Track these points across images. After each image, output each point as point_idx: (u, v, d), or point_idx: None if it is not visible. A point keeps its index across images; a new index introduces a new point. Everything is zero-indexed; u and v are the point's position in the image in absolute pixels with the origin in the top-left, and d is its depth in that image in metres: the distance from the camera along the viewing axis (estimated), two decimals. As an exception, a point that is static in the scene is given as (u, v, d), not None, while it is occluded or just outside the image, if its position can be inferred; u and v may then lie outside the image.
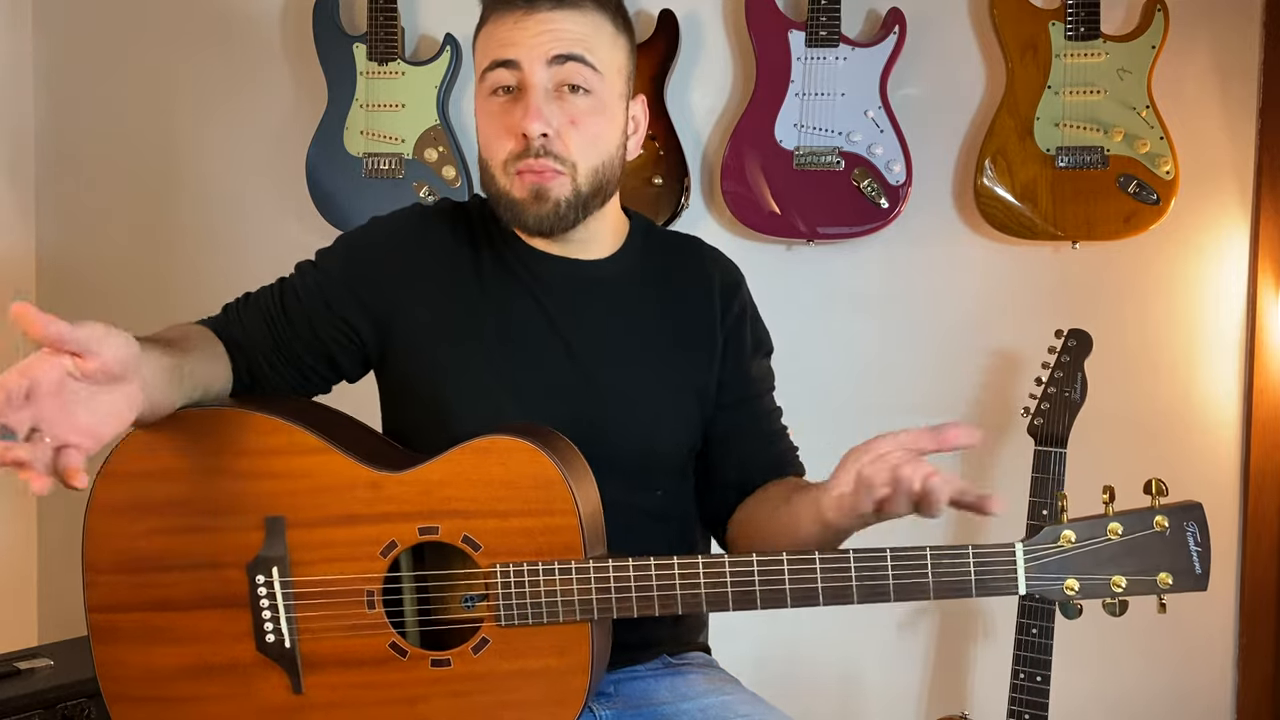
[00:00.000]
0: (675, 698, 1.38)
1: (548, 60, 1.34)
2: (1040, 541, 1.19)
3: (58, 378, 1.03)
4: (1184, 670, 2.30)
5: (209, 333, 1.39)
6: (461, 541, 1.24)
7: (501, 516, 1.24)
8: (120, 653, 1.29)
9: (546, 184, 1.35)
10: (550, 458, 1.23)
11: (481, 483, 1.24)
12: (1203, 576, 1.18)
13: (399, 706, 1.25)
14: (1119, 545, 1.18)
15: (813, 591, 1.19)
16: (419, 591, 1.31)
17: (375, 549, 1.25)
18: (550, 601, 1.22)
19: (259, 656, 1.27)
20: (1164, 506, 1.19)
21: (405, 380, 1.43)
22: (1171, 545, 1.18)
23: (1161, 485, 1.19)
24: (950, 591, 1.19)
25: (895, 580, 1.18)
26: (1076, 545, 1.19)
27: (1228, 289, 2.27)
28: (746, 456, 1.47)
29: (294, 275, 1.46)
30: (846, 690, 2.40)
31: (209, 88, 2.55)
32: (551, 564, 1.22)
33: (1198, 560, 1.18)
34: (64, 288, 2.63)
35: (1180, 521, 1.18)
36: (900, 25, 2.25)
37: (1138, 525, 1.18)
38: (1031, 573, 1.18)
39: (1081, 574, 1.18)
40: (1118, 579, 1.18)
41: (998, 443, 2.31)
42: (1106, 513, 1.19)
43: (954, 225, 2.34)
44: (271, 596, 1.26)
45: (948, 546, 1.18)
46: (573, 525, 1.23)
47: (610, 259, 1.47)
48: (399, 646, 1.26)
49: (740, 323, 1.49)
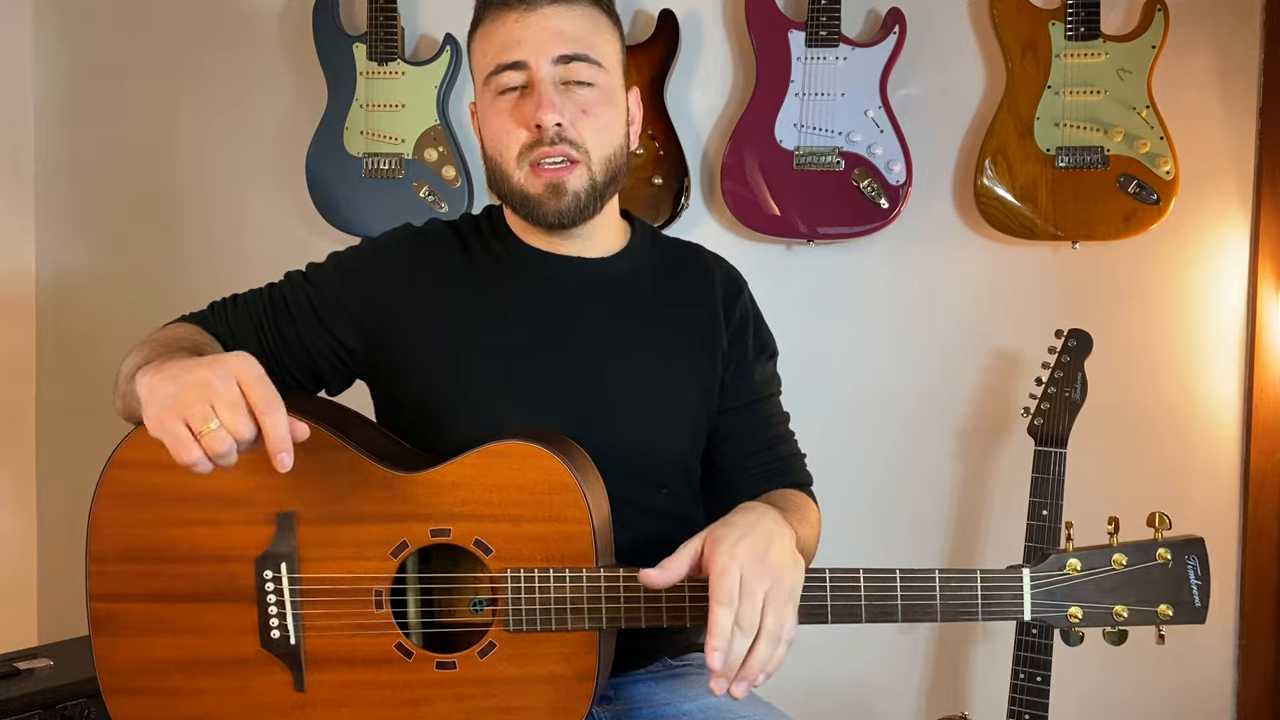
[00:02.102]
0: (676, 699, 1.38)
1: (553, 60, 1.35)
2: (1047, 569, 1.21)
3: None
4: (1184, 670, 2.30)
5: (207, 335, 1.40)
6: (473, 545, 1.24)
7: (514, 521, 1.24)
8: (119, 643, 1.29)
9: (563, 178, 1.35)
10: (566, 464, 1.23)
11: (496, 487, 1.24)
12: (1201, 610, 1.22)
13: (401, 708, 1.25)
14: (1122, 576, 1.21)
15: (821, 609, 1.20)
16: (425, 593, 1.30)
17: (386, 549, 1.25)
18: (560, 609, 1.22)
19: (261, 653, 1.27)
20: (1167, 540, 1.21)
21: (401, 389, 1.43)
22: (1173, 578, 1.21)
23: (1165, 519, 1.21)
24: (957, 615, 1.20)
25: (904, 602, 1.20)
26: (1082, 574, 1.21)
27: (1228, 289, 2.27)
28: (748, 461, 1.47)
29: (284, 285, 1.46)
30: (846, 690, 2.40)
31: (209, 88, 2.55)
32: (563, 571, 1.22)
33: (1198, 594, 1.22)
34: (64, 288, 2.63)
35: (1182, 555, 1.21)
36: (900, 25, 2.25)
37: (1141, 557, 1.21)
38: (1037, 599, 1.21)
39: (1085, 602, 1.21)
40: (1119, 609, 1.21)
41: (998, 443, 2.31)
42: (1111, 543, 1.22)
43: (954, 225, 2.34)
44: (279, 592, 1.26)
45: (956, 570, 1.20)
46: (585, 533, 1.23)
47: (616, 256, 1.47)
48: (404, 647, 1.26)
49: (743, 326, 1.49)
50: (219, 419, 1.10)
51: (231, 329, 1.42)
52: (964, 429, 2.34)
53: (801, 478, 1.50)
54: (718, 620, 1.09)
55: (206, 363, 1.13)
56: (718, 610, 1.09)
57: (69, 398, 2.62)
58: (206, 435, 1.10)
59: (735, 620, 1.10)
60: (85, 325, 2.62)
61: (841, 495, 2.07)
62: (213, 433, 1.10)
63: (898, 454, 2.36)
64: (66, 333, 2.64)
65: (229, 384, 1.11)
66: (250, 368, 1.12)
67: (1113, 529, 1.22)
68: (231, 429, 1.10)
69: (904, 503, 2.36)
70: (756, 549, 1.13)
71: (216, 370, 1.11)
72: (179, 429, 1.11)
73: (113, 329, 2.57)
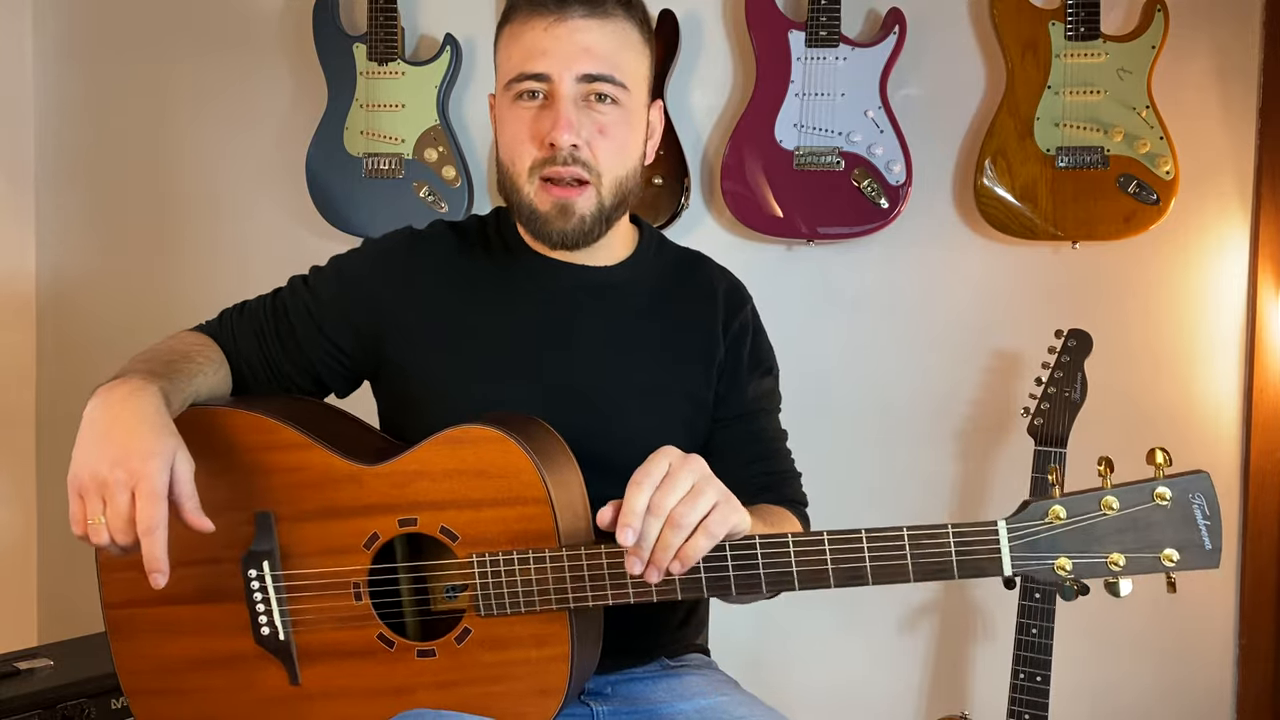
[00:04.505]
0: (672, 698, 1.38)
1: (577, 78, 1.33)
2: (1027, 519, 1.12)
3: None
4: (1184, 670, 2.30)
5: (215, 347, 1.42)
6: (439, 532, 1.25)
7: (475, 506, 1.24)
8: (138, 646, 1.33)
9: (571, 199, 1.35)
10: (520, 445, 1.23)
11: (455, 473, 1.25)
12: (1213, 552, 1.09)
13: (390, 697, 1.27)
14: (1115, 520, 1.10)
15: (787, 575, 1.17)
16: (401, 583, 1.31)
17: (358, 541, 1.27)
18: (527, 590, 1.22)
19: (257, 649, 1.30)
20: (1167, 478, 1.10)
21: (400, 390, 1.43)
22: (1175, 519, 1.09)
23: (1166, 455, 1.10)
24: (931, 573, 1.14)
25: (872, 563, 1.15)
26: (1068, 521, 1.11)
27: (1228, 289, 2.27)
28: (737, 474, 1.45)
29: (286, 292, 1.47)
30: (847, 690, 2.40)
31: (208, 88, 2.55)
32: (526, 553, 1.22)
33: (1207, 535, 1.09)
34: (65, 289, 2.63)
35: (1185, 494, 1.09)
36: (900, 25, 2.25)
37: (1136, 499, 1.10)
38: (1017, 552, 1.11)
39: (1074, 553, 1.10)
40: (1116, 557, 1.10)
41: (998, 443, 2.31)
42: (1103, 485, 1.11)
43: (954, 225, 2.34)
44: (264, 590, 1.29)
45: (926, 526, 1.14)
46: (545, 513, 1.23)
47: (621, 265, 1.46)
48: (385, 638, 1.27)
49: (741, 339, 1.48)
50: (104, 519, 1.17)
51: (236, 340, 1.44)
52: (964, 429, 2.34)
53: (791, 494, 1.48)
54: (631, 499, 1.10)
55: (124, 446, 1.18)
56: (632, 490, 1.10)
57: (69, 398, 2.62)
58: (92, 526, 1.18)
59: (650, 504, 1.10)
60: (86, 326, 2.62)
61: (841, 495, 2.07)
62: (97, 526, 1.17)
63: (898, 454, 2.36)
64: (67, 333, 2.64)
65: (123, 493, 1.16)
66: (151, 478, 1.16)
67: (1104, 469, 1.12)
68: (112, 534, 1.17)
69: (904, 503, 2.36)
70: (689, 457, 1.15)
71: (119, 472, 1.17)
72: (75, 505, 1.19)
73: (113, 330, 2.57)
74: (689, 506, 1.11)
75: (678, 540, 1.11)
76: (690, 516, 1.10)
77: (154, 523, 1.16)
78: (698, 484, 1.12)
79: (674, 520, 1.10)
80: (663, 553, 1.11)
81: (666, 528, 1.10)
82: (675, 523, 1.10)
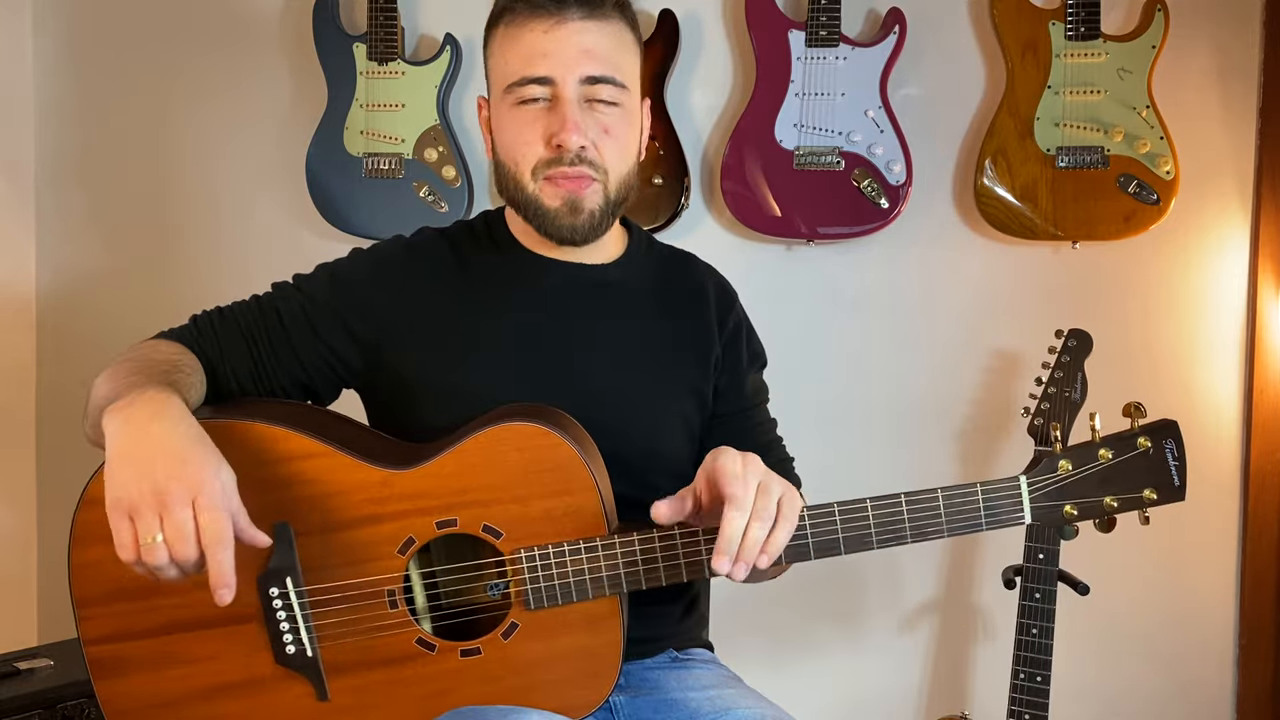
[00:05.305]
0: (683, 687, 1.39)
1: (581, 80, 1.34)
2: (1042, 472, 1.28)
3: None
4: (1184, 670, 2.30)
5: (190, 354, 1.37)
6: (482, 530, 1.25)
7: (522, 502, 1.25)
8: (128, 685, 1.26)
9: (580, 194, 1.36)
10: (565, 438, 1.24)
11: (499, 470, 1.25)
12: (1180, 488, 1.28)
13: (430, 700, 1.25)
14: (1109, 469, 1.27)
15: (834, 542, 1.24)
16: (438, 585, 1.31)
17: (392, 547, 1.25)
18: (579, 580, 1.24)
19: (278, 669, 1.26)
20: (1144, 427, 1.28)
21: (398, 397, 1.42)
22: (1154, 463, 1.28)
23: (1140, 408, 1.28)
24: (962, 527, 1.26)
25: (911, 522, 1.24)
26: (1074, 473, 1.27)
27: (1228, 289, 2.27)
28: None
29: (275, 297, 1.44)
30: (847, 690, 2.40)
31: (208, 88, 2.55)
32: (577, 543, 1.24)
33: (1176, 474, 1.28)
34: (65, 290, 2.63)
35: (1160, 440, 1.28)
36: (900, 25, 2.25)
37: (1124, 448, 1.28)
38: (1036, 502, 1.27)
39: (1078, 499, 1.28)
40: (1109, 499, 1.27)
41: (998, 443, 2.31)
42: (1094, 439, 1.28)
43: (954, 225, 2.34)
44: (288, 607, 1.24)
45: (956, 486, 1.26)
46: (594, 502, 1.25)
47: (615, 263, 1.48)
48: (426, 641, 1.26)
49: (736, 335, 1.51)
50: (163, 535, 1.09)
51: (221, 346, 1.39)
52: (964, 429, 2.34)
53: (791, 479, 1.50)
54: (730, 523, 1.13)
55: (173, 458, 1.10)
56: (732, 515, 1.13)
57: (69, 399, 2.62)
58: (147, 547, 1.09)
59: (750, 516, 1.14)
60: (86, 326, 2.62)
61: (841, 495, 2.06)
62: (154, 546, 1.09)
63: (898, 454, 2.36)
64: (67, 333, 2.64)
65: (183, 506, 1.09)
66: (211, 488, 1.10)
67: (1094, 423, 1.29)
68: (173, 554, 1.09)
69: (904, 503, 2.36)
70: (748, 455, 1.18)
71: (174, 485, 1.09)
72: (123, 528, 1.10)
73: (113, 330, 2.57)
74: (766, 500, 1.15)
75: (764, 534, 1.14)
76: (769, 510, 1.15)
77: (222, 533, 1.09)
78: (763, 481, 1.16)
79: (757, 514, 1.14)
80: (752, 548, 1.14)
81: (753, 521, 1.14)
82: (758, 516, 1.14)
